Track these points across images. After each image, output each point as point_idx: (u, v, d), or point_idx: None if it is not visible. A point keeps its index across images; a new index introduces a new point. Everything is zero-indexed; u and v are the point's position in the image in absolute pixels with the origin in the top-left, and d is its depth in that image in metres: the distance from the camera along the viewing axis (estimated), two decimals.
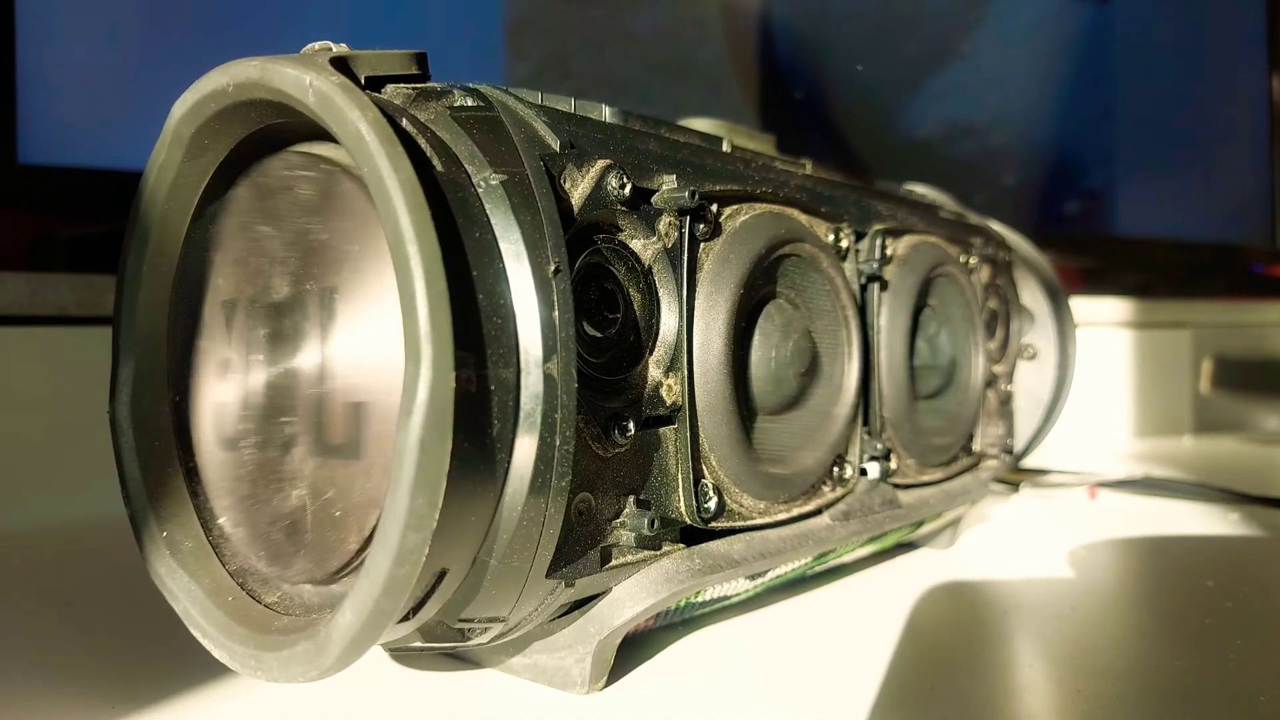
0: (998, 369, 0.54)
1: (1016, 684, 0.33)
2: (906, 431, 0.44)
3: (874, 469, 0.42)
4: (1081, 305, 0.81)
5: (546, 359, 0.26)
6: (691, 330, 0.32)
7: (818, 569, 0.42)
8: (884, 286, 0.43)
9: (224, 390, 0.28)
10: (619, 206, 0.30)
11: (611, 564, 0.30)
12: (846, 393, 0.40)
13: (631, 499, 0.30)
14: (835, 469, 0.40)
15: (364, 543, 0.25)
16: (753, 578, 0.37)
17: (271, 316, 0.27)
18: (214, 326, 0.29)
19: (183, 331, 0.30)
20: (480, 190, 0.26)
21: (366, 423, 0.25)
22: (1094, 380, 0.97)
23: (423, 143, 0.26)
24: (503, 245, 0.26)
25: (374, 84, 0.27)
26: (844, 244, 0.40)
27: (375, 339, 0.25)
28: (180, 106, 0.27)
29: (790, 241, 0.37)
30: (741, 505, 0.35)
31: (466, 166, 0.27)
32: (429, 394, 0.22)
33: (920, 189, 0.58)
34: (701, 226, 0.33)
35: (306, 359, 0.26)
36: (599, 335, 0.30)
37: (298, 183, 0.27)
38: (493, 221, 0.26)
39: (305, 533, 0.26)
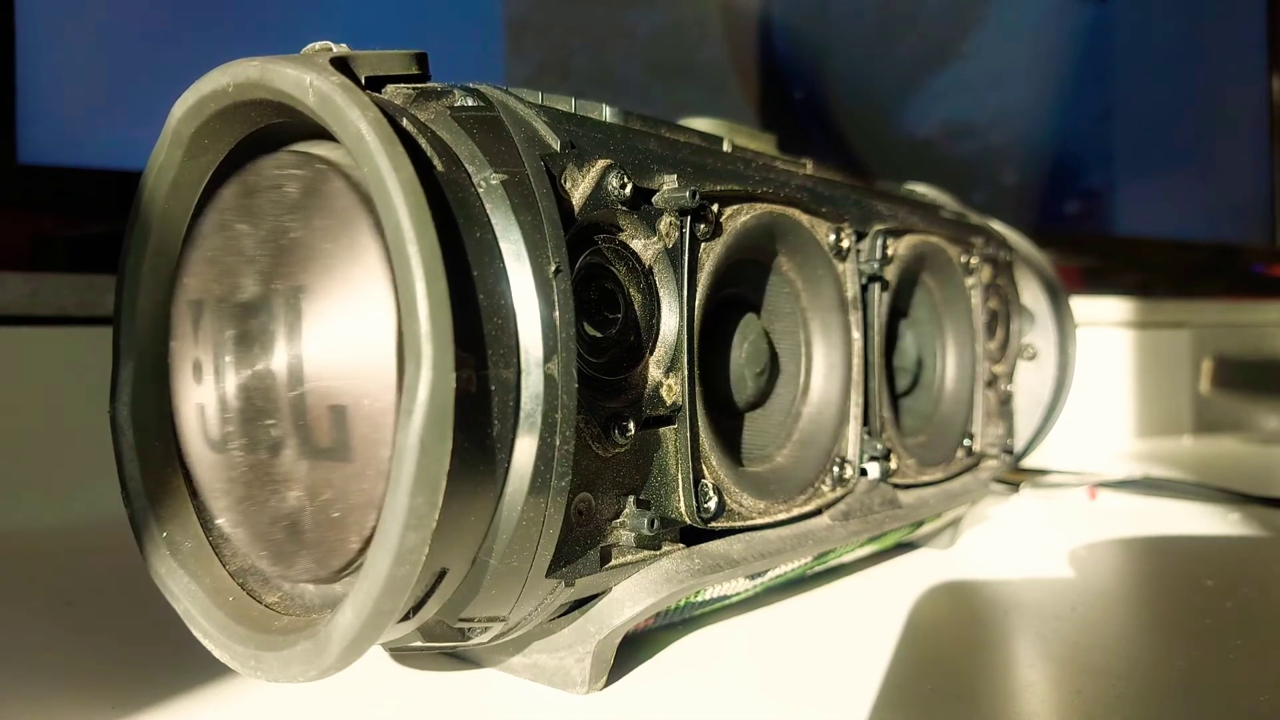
0: (998, 369, 0.54)
1: (1016, 684, 0.33)
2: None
3: (874, 469, 0.42)
4: (1081, 305, 0.81)
5: (547, 359, 0.26)
6: (692, 330, 0.32)
7: (818, 569, 0.42)
8: (885, 286, 0.43)
9: (201, 392, 0.28)
10: (619, 206, 0.30)
11: (611, 564, 0.30)
12: (843, 392, 0.40)
13: (631, 499, 0.30)
14: (835, 469, 0.40)
15: (365, 542, 0.25)
16: (753, 577, 0.37)
17: (239, 317, 0.27)
18: (182, 327, 0.29)
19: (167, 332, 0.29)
20: (480, 190, 0.26)
21: (352, 425, 0.25)
22: (1094, 380, 0.97)
23: (423, 143, 0.26)
24: (503, 245, 0.26)
25: (374, 84, 0.27)
26: (845, 244, 0.40)
27: (350, 341, 0.25)
28: (180, 106, 0.27)
29: (791, 242, 0.37)
30: (741, 505, 0.35)
31: (467, 166, 0.27)
32: (429, 394, 0.22)
33: (921, 189, 0.58)
34: (702, 226, 0.33)
35: (279, 361, 0.26)
36: (599, 335, 0.30)
37: (286, 181, 0.26)
38: (493, 221, 0.26)
39: (306, 532, 0.26)
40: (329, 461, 0.25)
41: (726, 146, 0.37)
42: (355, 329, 0.25)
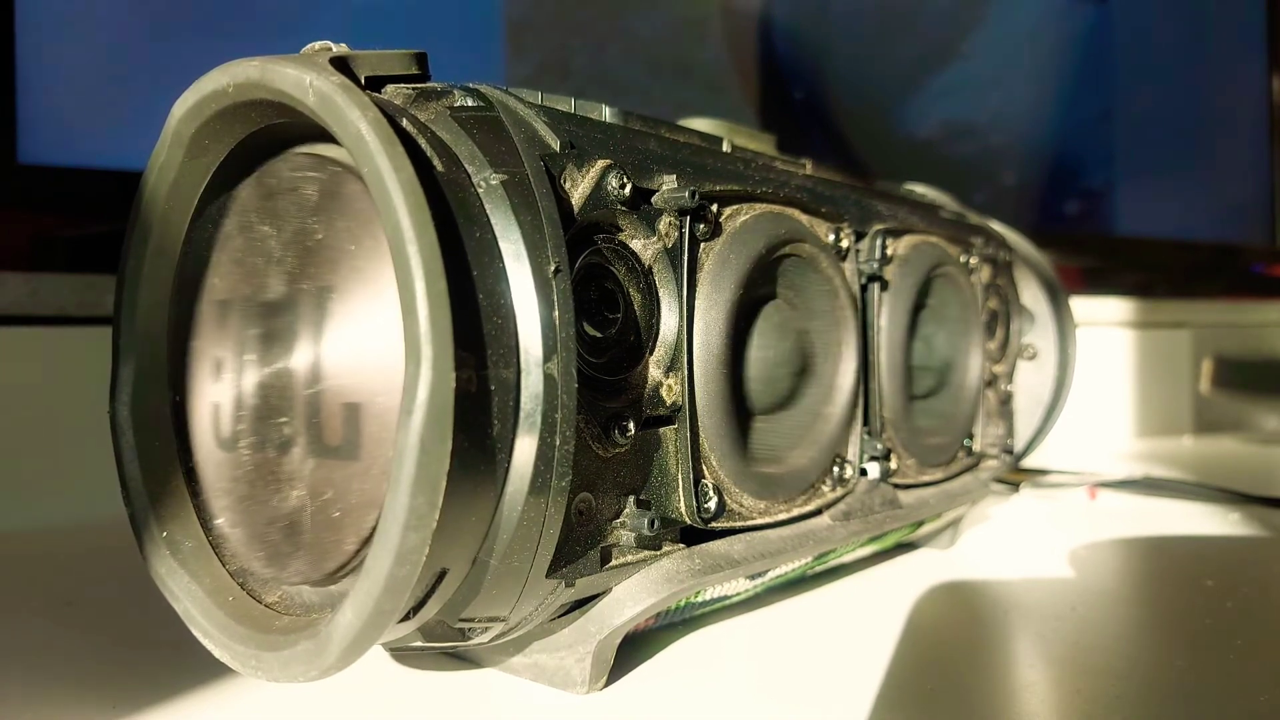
0: (998, 369, 0.54)
1: (1016, 684, 0.33)
2: (906, 431, 0.44)
3: (874, 469, 0.42)
4: (1081, 305, 0.81)
5: (546, 359, 0.26)
6: (692, 330, 0.32)
7: (818, 569, 0.42)
8: (884, 286, 0.43)
9: (219, 390, 0.28)
10: (619, 206, 0.30)
11: (611, 564, 0.30)
12: (843, 393, 0.40)
13: (631, 499, 0.30)
14: (835, 469, 0.40)
15: (361, 544, 0.25)
16: (753, 578, 0.37)
17: (264, 316, 0.27)
18: (207, 326, 0.29)
19: (183, 331, 0.30)
20: (480, 190, 0.26)
21: (363, 423, 0.25)
22: (1094, 380, 0.97)
23: (423, 143, 0.26)
24: (503, 245, 0.26)
25: (374, 84, 0.27)
26: (844, 244, 0.40)
27: (370, 339, 0.25)
28: (180, 106, 0.27)
29: (790, 241, 0.37)
30: (742, 505, 0.35)
31: (467, 166, 0.27)
32: (429, 394, 0.22)
33: (920, 189, 0.58)
34: (702, 226, 0.33)
35: (300, 359, 0.26)
36: (599, 335, 0.30)
37: (303, 184, 0.27)
38: (493, 221, 0.26)
39: (303, 534, 0.26)
40: (335, 460, 0.25)
41: (726, 146, 0.37)
42: (374, 327, 0.25)
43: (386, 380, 0.24)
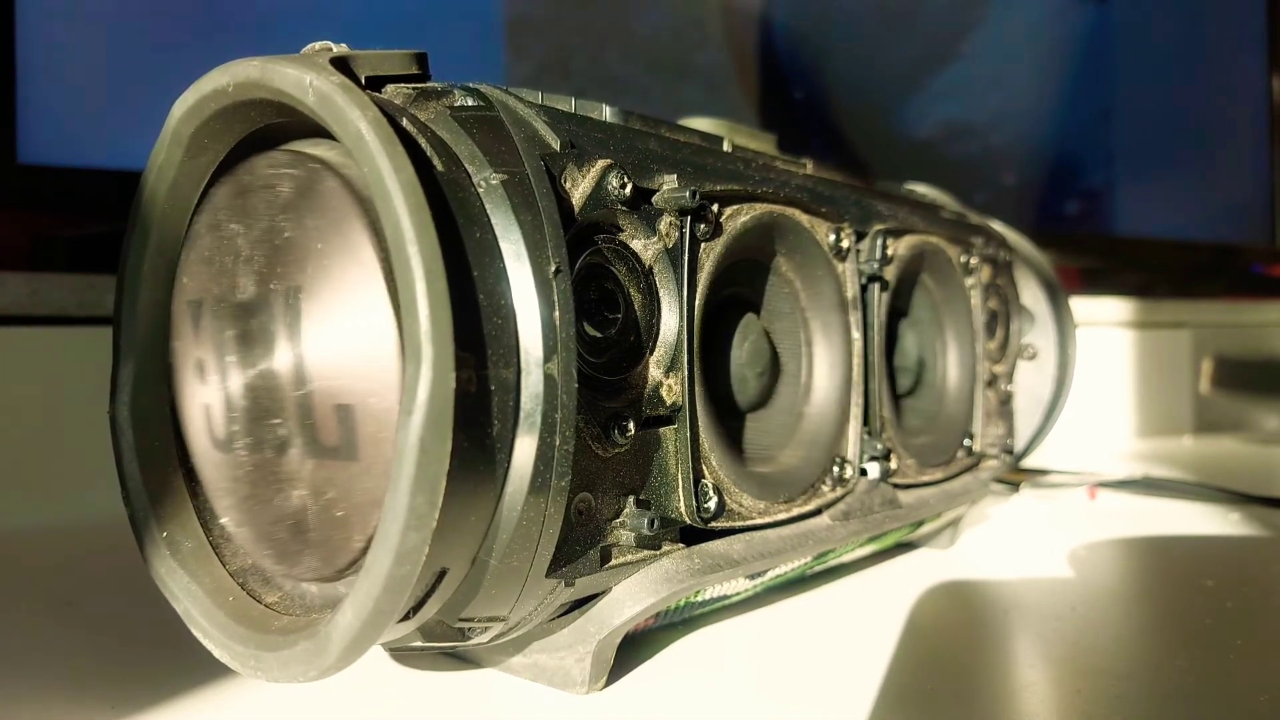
0: (998, 369, 0.54)
1: (1016, 684, 0.33)
2: (906, 431, 0.44)
3: (874, 469, 0.42)
4: (1081, 305, 0.81)
5: (547, 359, 0.26)
6: (692, 330, 0.32)
7: (818, 569, 0.42)
8: (884, 286, 0.43)
9: (205, 392, 0.28)
10: (620, 206, 0.30)
11: (611, 564, 0.30)
12: (843, 392, 0.40)
13: (631, 499, 0.30)
14: (835, 469, 0.40)
15: (369, 541, 0.25)
16: (753, 577, 0.37)
17: (239, 316, 0.27)
18: (183, 327, 0.29)
19: (170, 332, 0.29)
20: (480, 190, 0.26)
21: (359, 424, 0.25)
22: (1094, 380, 0.97)
23: (423, 142, 0.26)
24: (503, 245, 0.26)
25: (374, 84, 0.27)
26: (845, 244, 0.40)
27: (356, 340, 0.25)
28: (180, 106, 0.27)
29: (791, 242, 0.37)
30: (741, 505, 0.35)
31: (467, 166, 0.27)
32: (429, 394, 0.22)
33: (921, 189, 0.58)
34: (702, 226, 0.33)
35: (281, 360, 0.26)
36: (599, 335, 0.30)
37: (279, 180, 0.26)
38: (493, 221, 0.26)
39: (310, 531, 0.26)
40: (335, 460, 0.25)
41: (726, 146, 0.37)
42: (356, 328, 0.25)
43: (378, 380, 0.24)
